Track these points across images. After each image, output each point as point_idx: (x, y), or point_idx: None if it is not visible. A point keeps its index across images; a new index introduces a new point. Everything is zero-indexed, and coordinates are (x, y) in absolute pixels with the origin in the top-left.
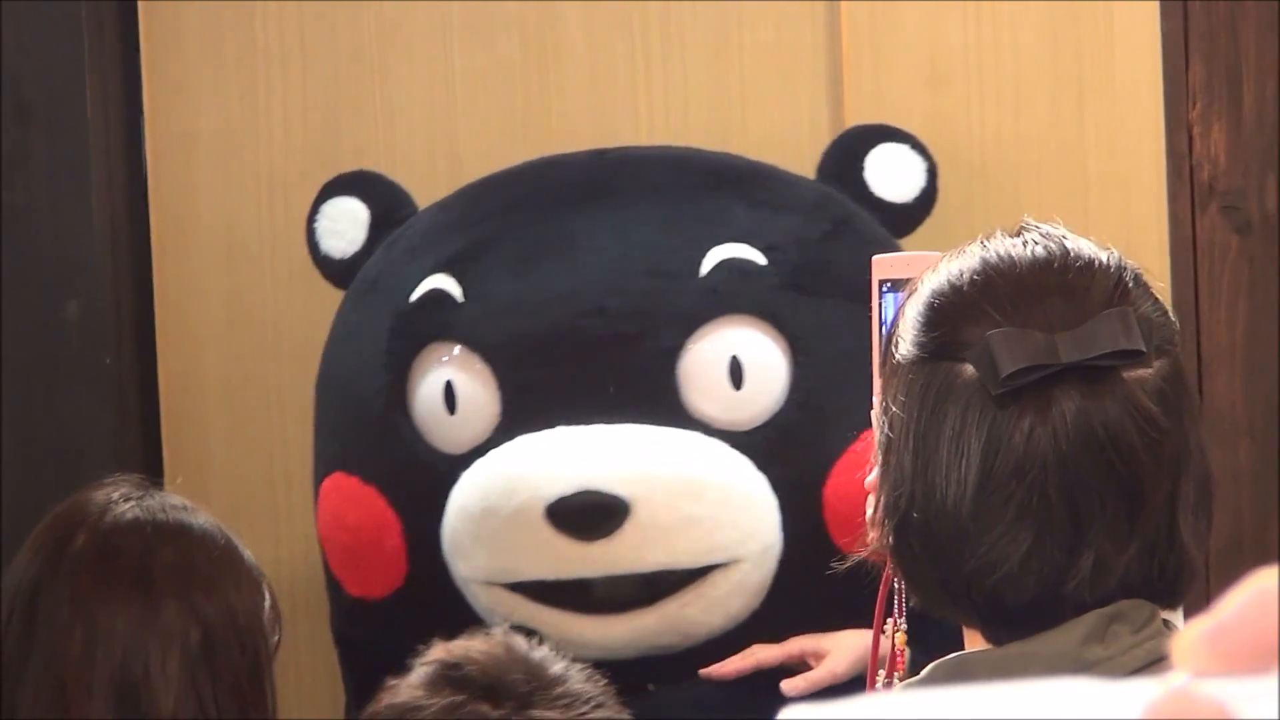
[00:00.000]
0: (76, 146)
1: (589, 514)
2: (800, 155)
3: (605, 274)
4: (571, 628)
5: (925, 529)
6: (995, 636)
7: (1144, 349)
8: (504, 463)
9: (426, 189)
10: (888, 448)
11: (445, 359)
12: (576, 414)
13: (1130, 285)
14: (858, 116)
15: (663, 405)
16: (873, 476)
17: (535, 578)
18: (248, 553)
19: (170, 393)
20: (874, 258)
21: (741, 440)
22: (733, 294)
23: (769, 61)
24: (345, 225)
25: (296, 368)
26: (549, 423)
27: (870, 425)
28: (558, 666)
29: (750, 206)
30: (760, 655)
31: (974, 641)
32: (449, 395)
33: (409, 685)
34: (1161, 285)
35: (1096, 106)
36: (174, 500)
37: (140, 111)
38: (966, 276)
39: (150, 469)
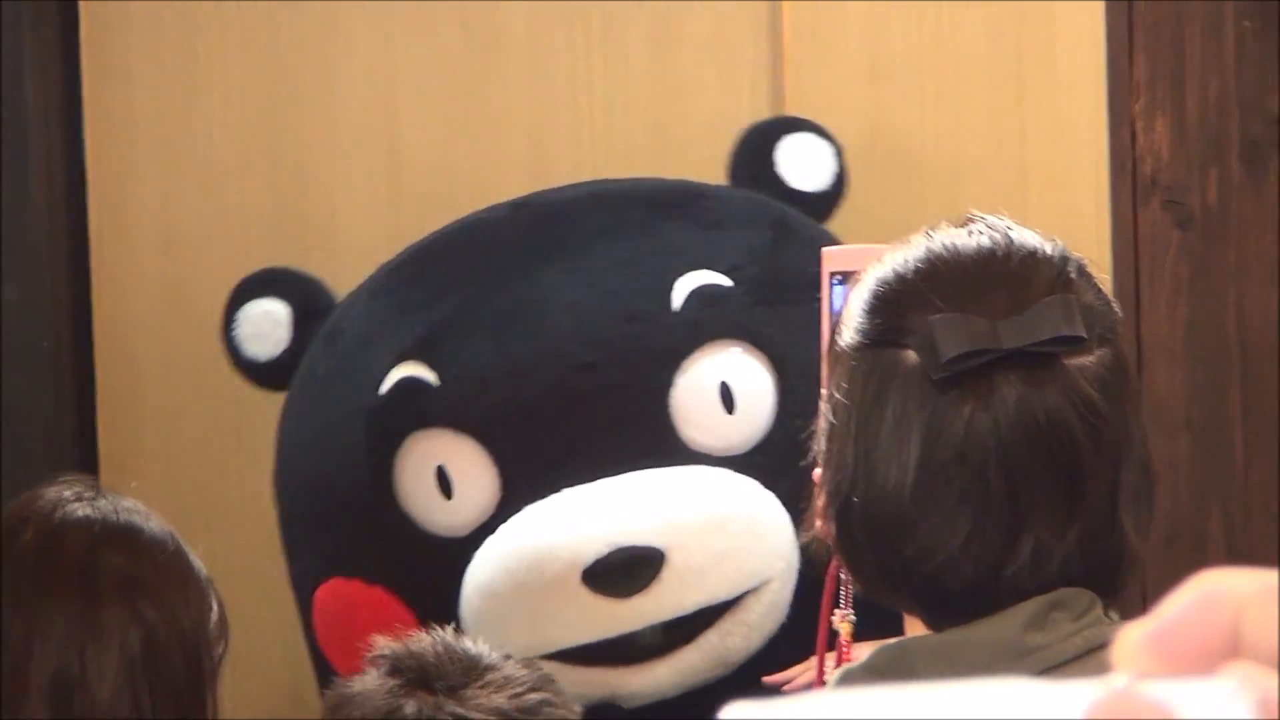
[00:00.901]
0: (15, 131)
1: (627, 571)
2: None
3: (581, 328)
4: (618, 681)
5: (867, 515)
6: (936, 623)
7: (1085, 336)
8: (525, 535)
9: (366, 181)
10: (831, 435)
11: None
12: (578, 474)
13: (1073, 275)
14: (799, 112)
15: (661, 445)
16: (818, 465)
17: (578, 643)
18: (198, 562)
19: (107, 377)
20: (824, 250)
21: (743, 463)
22: (710, 321)
23: (710, 57)
24: (266, 327)
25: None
26: (552, 488)
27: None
28: (494, 657)
29: (697, 229)
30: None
31: (915, 628)
32: (442, 480)
33: (355, 682)
34: (1104, 278)
35: (1038, 101)
36: (127, 503)
37: (79, 97)
38: (911, 265)
39: (86, 453)
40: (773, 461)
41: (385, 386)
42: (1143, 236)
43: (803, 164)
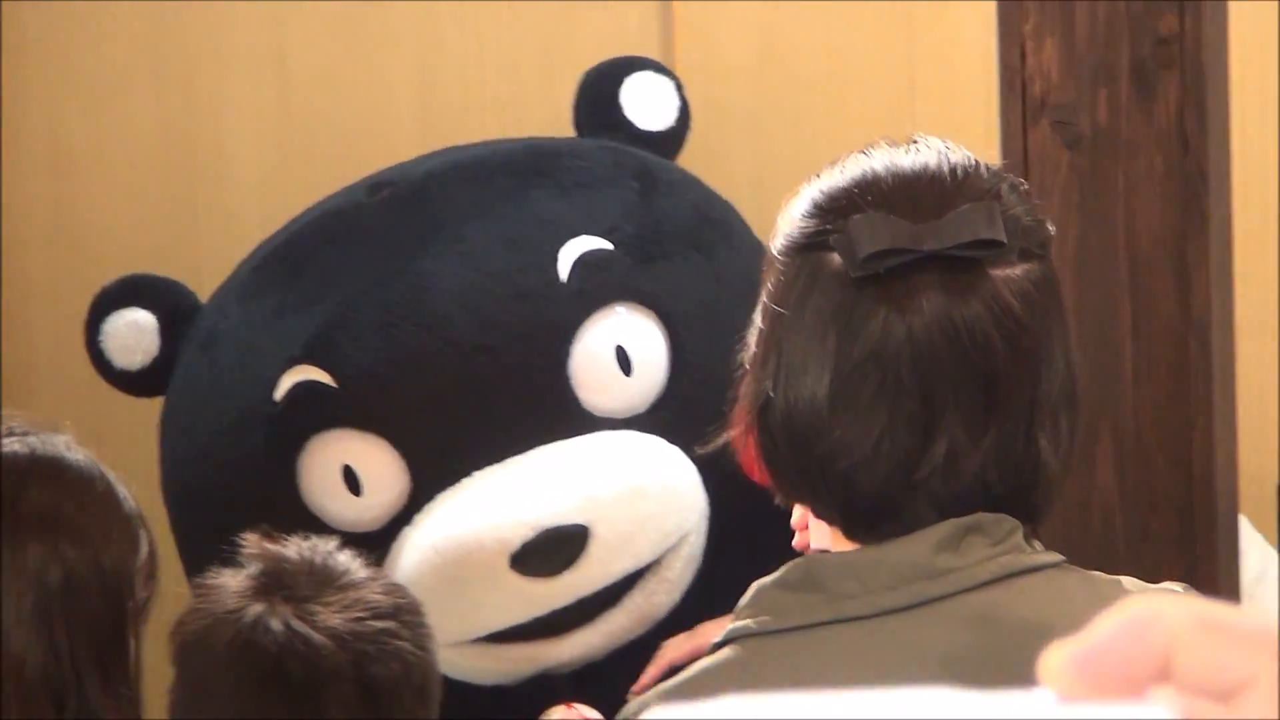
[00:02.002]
0: None
1: (555, 551)
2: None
3: (472, 314)
4: (548, 654)
5: (785, 416)
6: (850, 530)
7: (1004, 241)
8: (447, 525)
9: (254, 98)
10: (757, 339)
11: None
12: (487, 456)
13: (1004, 189)
14: (689, 37)
15: (565, 416)
16: (745, 370)
17: (508, 625)
18: (130, 501)
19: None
20: None
21: (646, 421)
22: (597, 288)
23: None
24: (134, 337)
25: (124, 270)
26: (463, 472)
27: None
28: (359, 577)
29: (566, 192)
30: (672, 655)
31: (836, 541)
32: (350, 478)
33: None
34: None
35: (926, 21)
36: (57, 438)
37: None
38: (846, 176)
39: None
40: (673, 416)
41: (279, 392)
42: (1032, 157)
43: (647, 103)
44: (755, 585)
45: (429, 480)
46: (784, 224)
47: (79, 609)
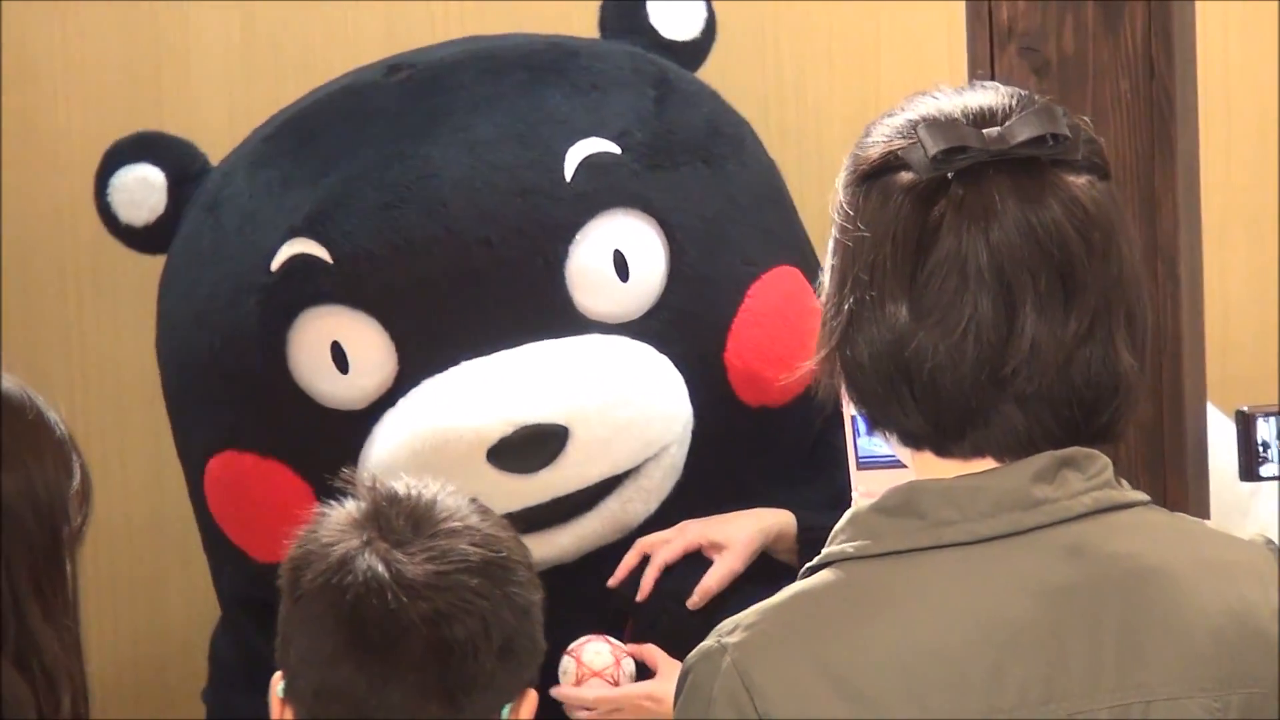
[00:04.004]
0: None
1: (532, 449)
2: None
3: (474, 204)
4: None
5: (870, 332)
6: (942, 443)
7: (1069, 135)
8: (427, 413)
9: (218, 7)
10: (830, 276)
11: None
12: (476, 347)
13: (1060, 112)
14: None
15: (558, 315)
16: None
17: None
18: (62, 428)
19: None
20: None
21: (638, 328)
22: (601, 191)
23: None
24: (141, 193)
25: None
26: (450, 361)
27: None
28: (459, 522)
29: (580, 93)
30: (658, 553)
31: (924, 468)
32: (338, 355)
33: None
34: None
35: None
36: None
37: None
38: (908, 109)
39: None
40: (666, 326)
41: (276, 262)
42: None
43: (673, 11)
44: (851, 510)
45: (416, 364)
46: (849, 161)
47: (15, 538)
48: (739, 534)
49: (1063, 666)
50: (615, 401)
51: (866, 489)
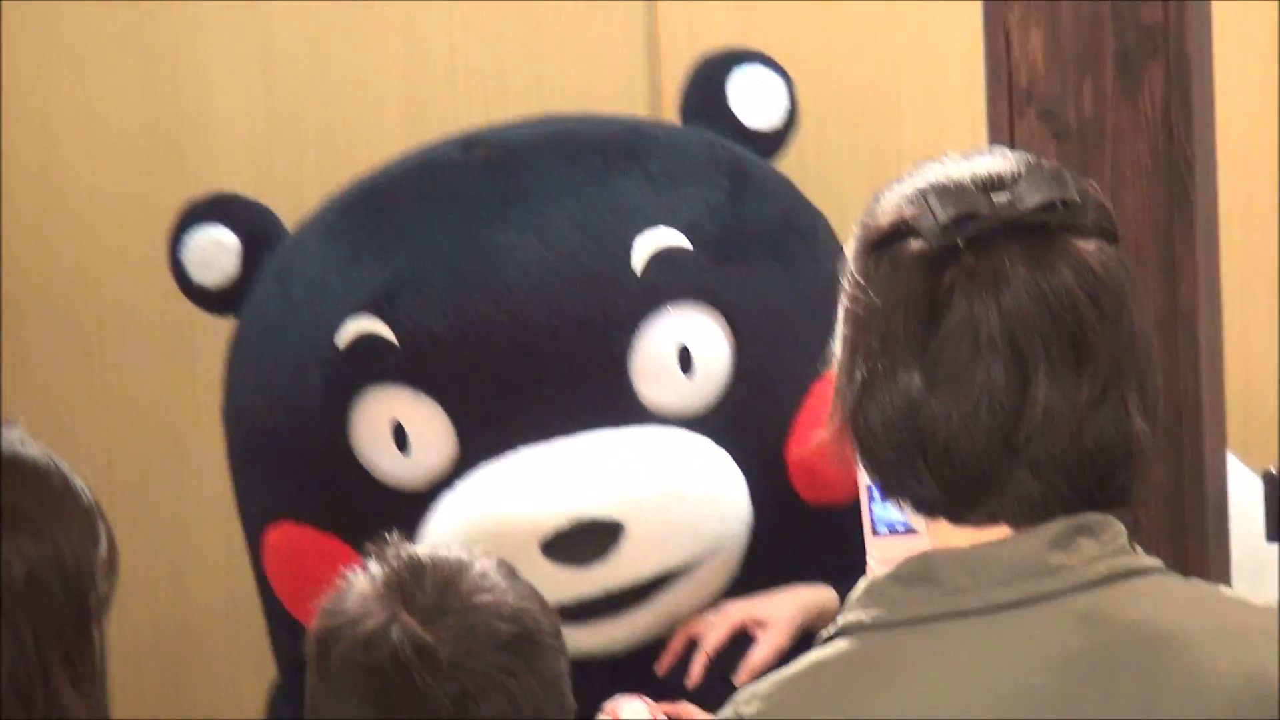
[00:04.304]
0: None
1: (586, 542)
2: (611, 22)
3: (541, 290)
4: (570, 640)
5: (882, 401)
6: (957, 511)
7: (1078, 199)
8: (484, 500)
9: (241, 66)
10: (842, 345)
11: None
12: (536, 434)
13: (1069, 177)
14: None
15: (619, 406)
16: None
17: None
18: (88, 495)
19: None
20: None
21: (699, 424)
22: (669, 284)
23: None
24: (213, 254)
25: (111, 243)
26: (509, 446)
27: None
28: (486, 595)
29: (653, 182)
30: (706, 639)
31: (939, 536)
32: (399, 435)
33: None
34: None
35: (911, 13)
36: (11, 434)
37: None
38: (918, 177)
39: None
40: (728, 421)
41: (342, 339)
42: (1019, 147)
43: (755, 99)
44: (866, 580)
45: (476, 448)
46: (858, 230)
47: (43, 606)
48: (782, 611)
49: None
50: (671, 497)
51: (882, 556)
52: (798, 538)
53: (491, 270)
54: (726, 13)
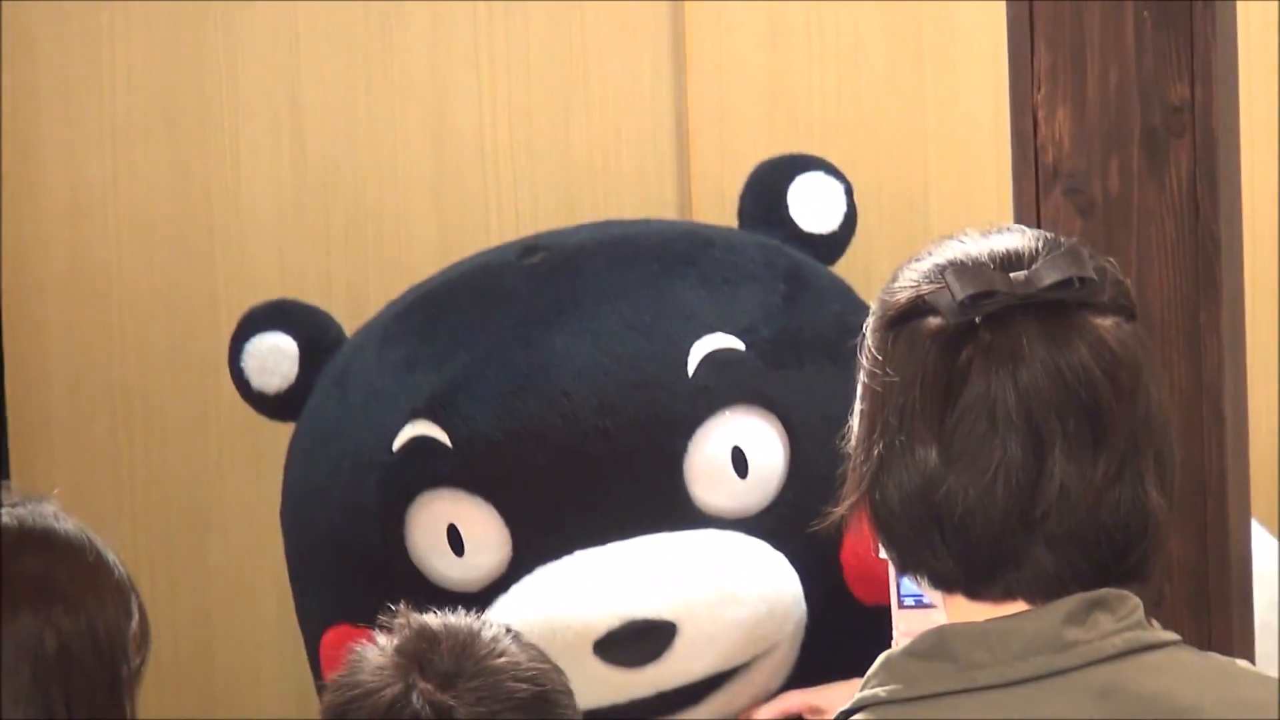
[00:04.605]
0: None
1: (639, 643)
2: (640, 106)
3: (595, 394)
4: None
5: (899, 477)
6: (973, 587)
7: (1095, 277)
8: (537, 602)
9: (269, 143)
10: (860, 420)
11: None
12: (590, 536)
13: (1087, 254)
14: (699, 77)
15: (673, 509)
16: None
17: (586, 708)
18: (121, 569)
19: (14, 345)
20: None
21: (754, 525)
22: (723, 388)
23: (610, 17)
24: (273, 360)
25: (139, 319)
26: (564, 549)
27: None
28: (501, 658)
29: (708, 287)
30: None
31: (956, 610)
32: (454, 538)
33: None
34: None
35: (939, 91)
36: (45, 508)
37: None
38: (937, 253)
39: None
40: (783, 523)
41: (397, 443)
42: (1046, 224)
43: (814, 204)
44: (884, 655)
45: (530, 551)
46: (876, 306)
47: (75, 678)
48: (839, 700)
49: None
50: (725, 599)
51: (908, 628)
52: (853, 635)
53: (545, 374)
54: (752, 13)
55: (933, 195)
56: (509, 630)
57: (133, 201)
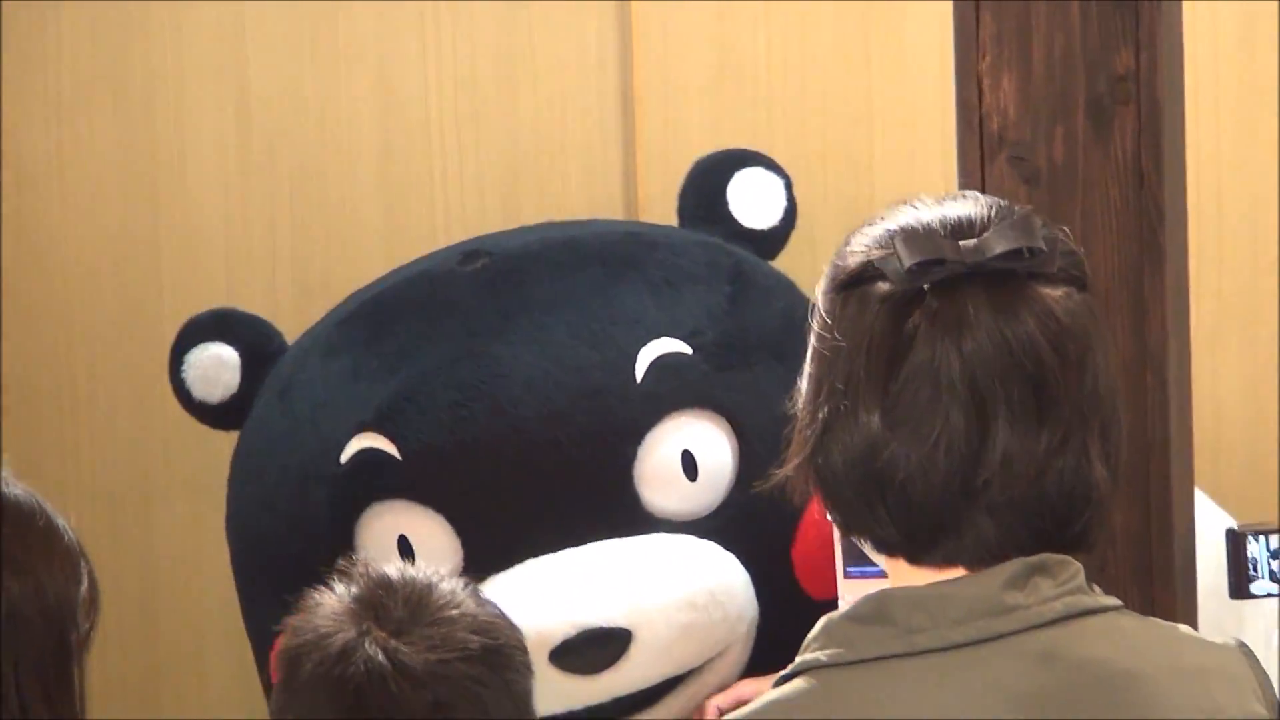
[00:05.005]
0: None
1: (595, 651)
2: (586, 75)
3: (544, 403)
4: None
5: (843, 440)
6: (914, 553)
7: (1044, 248)
8: None
9: (215, 115)
10: (807, 383)
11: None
12: (541, 545)
13: (1038, 224)
14: (645, 42)
15: (624, 514)
16: (796, 414)
17: (541, 716)
18: (70, 534)
19: None
20: None
21: (705, 526)
22: (672, 393)
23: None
24: (215, 371)
25: (84, 291)
26: (515, 557)
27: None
28: (455, 610)
29: (654, 289)
30: (711, 700)
31: (898, 575)
32: (404, 548)
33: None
34: None
35: (885, 60)
36: None
37: None
38: (888, 219)
39: None
40: (733, 523)
41: (345, 456)
42: (991, 193)
43: (754, 200)
44: (824, 619)
45: (481, 561)
46: (828, 269)
47: (24, 643)
48: None
49: None
50: (680, 605)
51: (853, 598)
52: (805, 631)
53: (494, 384)
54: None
55: (878, 165)
56: (467, 584)
57: (77, 174)
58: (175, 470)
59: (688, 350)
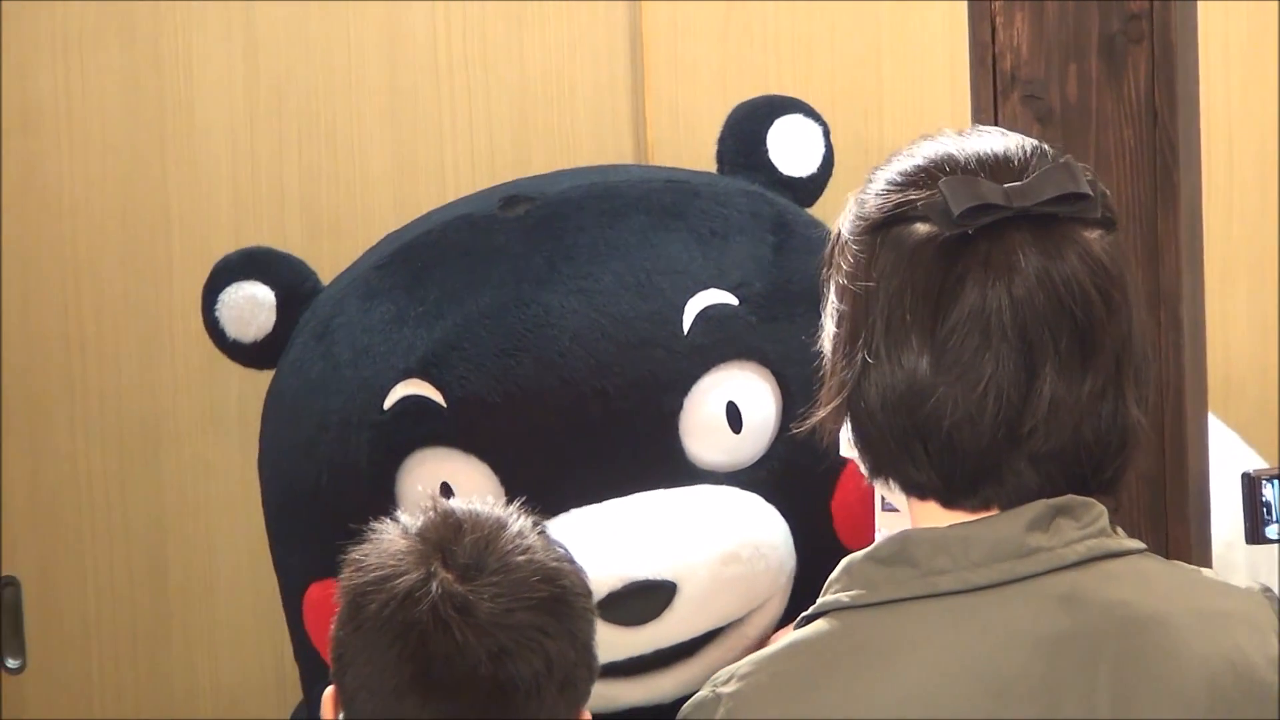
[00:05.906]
0: None
1: (640, 603)
2: (594, 18)
3: (591, 354)
4: (619, 694)
5: (885, 386)
6: (951, 497)
7: (1090, 194)
8: None
9: (224, 54)
10: (838, 320)
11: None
12: (585, 495)
13: (1080, 170)
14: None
15: (668, 465)
16: (827, 353)
17: None
18: None
19: None
20: None
21: (748, 478)
22: (718, 344)
23: None
24: (250, 310)
25: (90, 231)
26: (559, 507)
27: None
28: (521, 554)
29: (700, 240)
30: None
31: (925, 516)
32: (447, 495)
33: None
34: None
35: (892, 3)
36: None
37: None
38: (919, 155)
39: None
40: (775, 475)
41: (389, 402)
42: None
43: (793, 148)
44: (846, 559)
45: (524, 509)
46: (855, 206)
47: None
48: None
49: (1057, 716)
50: (725, 558)
51: (889, 531)
52: None
53: (541, 334)
54: (709, 11)
55: (887, 107)
56: (535, 524)
57: (85, 113)
58: (183, 412)
59: (734, 301)
